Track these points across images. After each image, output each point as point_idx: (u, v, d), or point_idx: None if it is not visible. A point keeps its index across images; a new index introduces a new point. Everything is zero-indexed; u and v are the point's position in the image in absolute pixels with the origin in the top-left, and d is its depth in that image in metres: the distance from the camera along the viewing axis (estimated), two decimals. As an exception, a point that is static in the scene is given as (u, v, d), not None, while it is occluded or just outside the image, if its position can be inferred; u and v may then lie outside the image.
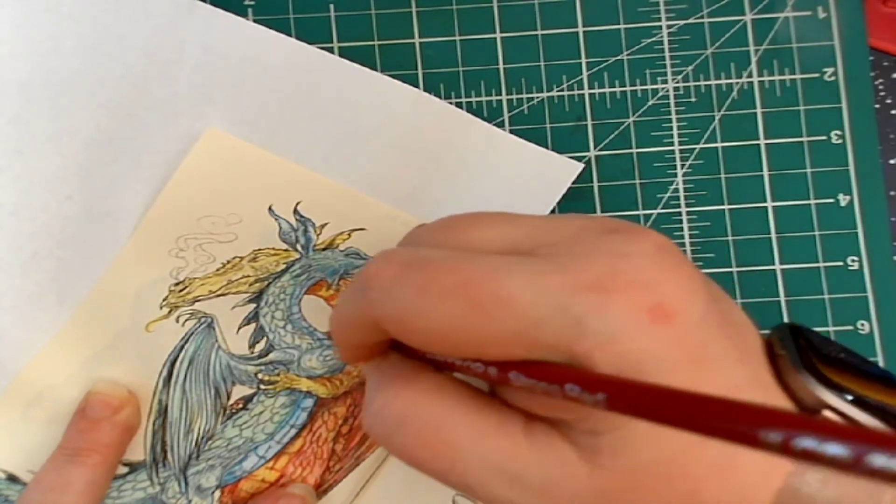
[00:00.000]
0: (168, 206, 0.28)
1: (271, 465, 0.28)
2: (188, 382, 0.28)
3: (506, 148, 0.30)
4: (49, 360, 0.28)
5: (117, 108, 0.29)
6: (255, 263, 0.28)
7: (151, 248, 0.28)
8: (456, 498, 0.28)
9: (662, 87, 0.31)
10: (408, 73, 0.31)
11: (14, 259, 0.28)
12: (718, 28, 0.31)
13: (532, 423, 0.18)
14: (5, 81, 0.29)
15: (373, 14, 0.31)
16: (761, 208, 0.30)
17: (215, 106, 0.29)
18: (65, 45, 0.29)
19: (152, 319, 0.28)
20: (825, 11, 0.31)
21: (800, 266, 0.30)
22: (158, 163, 0.29)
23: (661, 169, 0.31)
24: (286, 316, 0.28)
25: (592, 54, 0.31)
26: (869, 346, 0.30)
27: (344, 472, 0.28)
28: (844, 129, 0.31)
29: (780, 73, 0.31)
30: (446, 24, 0.31)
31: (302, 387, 0.28)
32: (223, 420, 0.28)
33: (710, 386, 0.16)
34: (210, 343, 0.28)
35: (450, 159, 0.29)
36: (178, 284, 0.28)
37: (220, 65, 0.29)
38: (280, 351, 0.28)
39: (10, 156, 0.29)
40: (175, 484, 0.28)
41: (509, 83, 0.31)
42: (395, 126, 0.29)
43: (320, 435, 0.28)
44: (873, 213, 0.30)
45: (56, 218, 0.28)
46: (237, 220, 0.29)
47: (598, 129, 0.31)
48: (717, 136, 0.31)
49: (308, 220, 0.29)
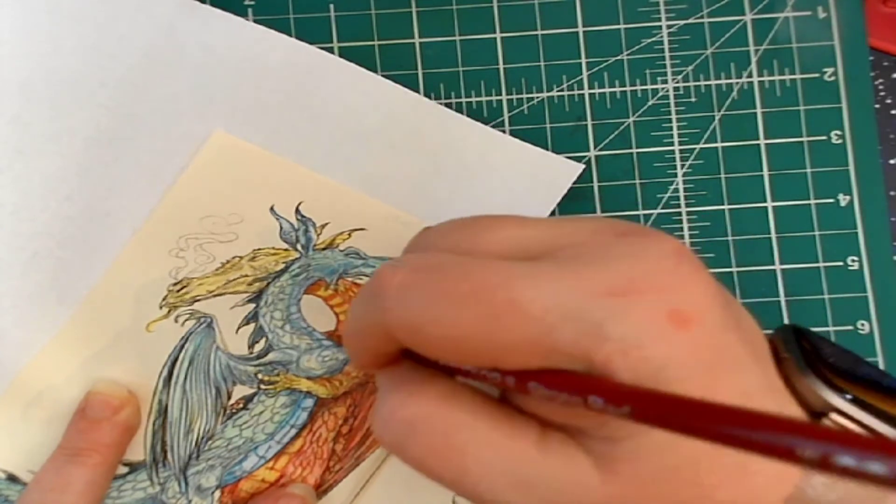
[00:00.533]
0: (172, 206, 0.29)
1: (271, 465, 0.28)
2: (188, 382, 0.28)
3: (506, 149, 0.30)
4: (49, 360, 0.28)
5: (117, 108, 0.29)
6: (255, 263, 0.29)
7: (153, 249, 0.28)
8: (456, 499, 0.28)
9: (662, 87, 0.31)
10: (408, 73, 0.31)
11: (14, 259, 0.28)
12: (718, 28, 0.31)
13: (546, 430, 0.17)
14: (6, 81, 0.29)
15: (373, 14, 0.31)
16: (761, 208, 0.30)
17: (215, 106, 0.29)
18: (65, 45, 0.29)
19: (152, 319, 0.28)
20: (825, 11, 0.31)
21: (800, 266, 0.30)
22: (158, 163, 0.29)
23: (661, 169, 0.31)
24: (285, 316, 0.28)
25: (592, 54, 0.31)
26: (869, 346, 0.30)
27: (344, 472, 0.28)
28: (844, 129, 0.31)
29: (780, 73, 0.31)
30: (446, 24, 0.31)
31: (302, 387, 0.28)
32: (223, 420, 0.28)
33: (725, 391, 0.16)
34: (209, 343, 0.28)
35: (450, 160, 0.29)
36: (176, 284, 0.28)
37: (221, 65, 0.29)
38: (279, 351, 0.28)
39: (11, 156, 0.29)
40: (175, 484, 0.28)
41: (509, 83, 0.31)
42: (395, 127, 0.29)
43: (320, 435, 0.28)
44: (873, 213, 0.30)
45: (56, 218, 0.28)
46: (238, 220, 0.29)
47: (598, 129, 0.31)
48: (717, 136, 0.31)
49: (309, 219, 0.29)
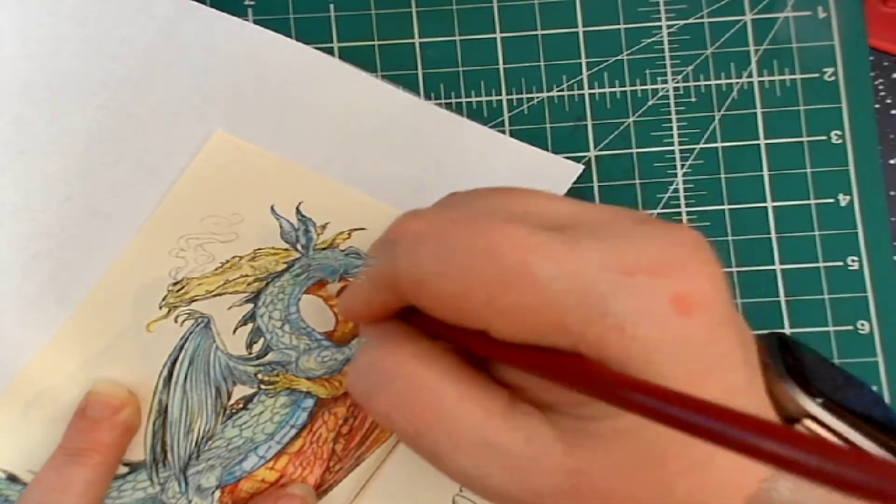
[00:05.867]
0: (172, 206, 0.29)
1: (271, 466, 0.28)
2: (189, 382, 0.28)
3: (506, 150, 0.30)
4: (49, 360, 0.28)
5: (118, 109, 0.29)
6: (255, 263, 0.29)
7: (153, 249, 0.28)
8: (456, 498, 0.28)
9: (662, 87, 0.31)
10: (408, 73, 0.31)
11: (15, 259, 0.28)
12: (718, 28, 0.31)
13: (514, 401, 0.18)
14: (7, 82, 0.29)
15: (373, 14, 0.31)
16: (761, 208, 0.30)
17: (216, 107, 0.29)
18: (66, 46, 0.29)
19: (152, 319, 0.28)
20: (825, 11, 0.31)
21: (800, 266, 0.30)
22: (159, 164, 0.29)
23: (661, 169, 0.31)
24: (284, 316, 0.28)
25: (592, 54, 0.31)
26: (869, 346, 0.30)
27: (344, 472, 0.28)
28: (844, 129, 0.31)
29: (780, 73, 0.31)
30: (446, 24, 0.31)
31: (302, 387, 0.28)
32: (223, 420, 0.28)
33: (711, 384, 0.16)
34: (209, 343, 0.28)
35: (450, 161, 0.29)
36: (176, 284, 0.28)
37: (221, 66, 0.29)
38: (278, 352, 0.28)
39: (12, 156, 0.29)
40: (175, 484, 0.28)
41: (509, 83, 0.31)
42: (395, 128, 0.30)
43: (320, 435, 0.28)
44: (873, 213, 0.30)
45: (57, 218, 0.28)
46: (239, 220, 0.29)
47: (598, 129, 0.31)
48: (717, 136, 0.31)
49: (309, 219, 0.29)
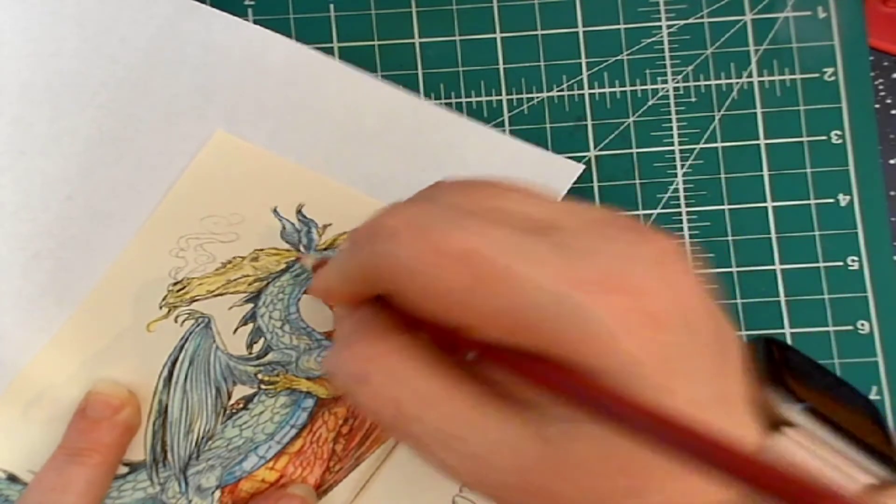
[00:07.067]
0: (173, 206, 0.29)
1: (271, 466, 0.28)
2: (189, 382, 0.28)
3: (506, 150, 0.30)
4: (49, 360, 0.28)
5: (118, 109, 0.29)
6: (257, 263, 0.29)
7: (153, 249, 0.28)
8: (456, 498, 0.28)
9: (662, 87, 0.31)
10: (408, 73, 0.31)
11: (15, 259, 0.28)
12: (718, 28, 0.31)
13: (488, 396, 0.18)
14: (7, 82, 0.29)
15: (373, 14, 0.31)
16: (761, 208, 0.30)
17: (216, 107, 0.29)
18: (66, 46, 0.29)
19: (153, 319, 0.28)
20: (825, 11, 0.31)
21: (800, 266, 0.30)
22: (159, 164, 0.29)
23: (661, 169, 0.31)
24: (284, 316, 0.28)
25: (592, 54, 0.31)
26: (869, 346, 0.30)
27: (344, 472, 0.28)
28: (844, 129, 0.31)
29: (780, 73, 0.31)
30: (446, 24, 0.31)
31: (302, 387, 0.28)
32: (223, 420, 0.28)
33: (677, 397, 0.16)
34: (209, 343, 0.28)
35: (451, 161, 0.29)
36: (176, 284, 0.28)
37: (221, 66, 0.29)
38: (278, 351, 0.28)
39: (12, 156, 0.29)
40: (175, 484, 0.28)
41: (509, 83, 0.31)
42: (395, 129, 0.30)
43: (320, 435, 0.28)
44: (873, 213, 0.30)
45: (57, 218, 0.28)
46: (239, 220, 0.29)
47: (598, 129, 0.31)
48: (717, 136, 0.31)
49: (311, 220, 0.29)
